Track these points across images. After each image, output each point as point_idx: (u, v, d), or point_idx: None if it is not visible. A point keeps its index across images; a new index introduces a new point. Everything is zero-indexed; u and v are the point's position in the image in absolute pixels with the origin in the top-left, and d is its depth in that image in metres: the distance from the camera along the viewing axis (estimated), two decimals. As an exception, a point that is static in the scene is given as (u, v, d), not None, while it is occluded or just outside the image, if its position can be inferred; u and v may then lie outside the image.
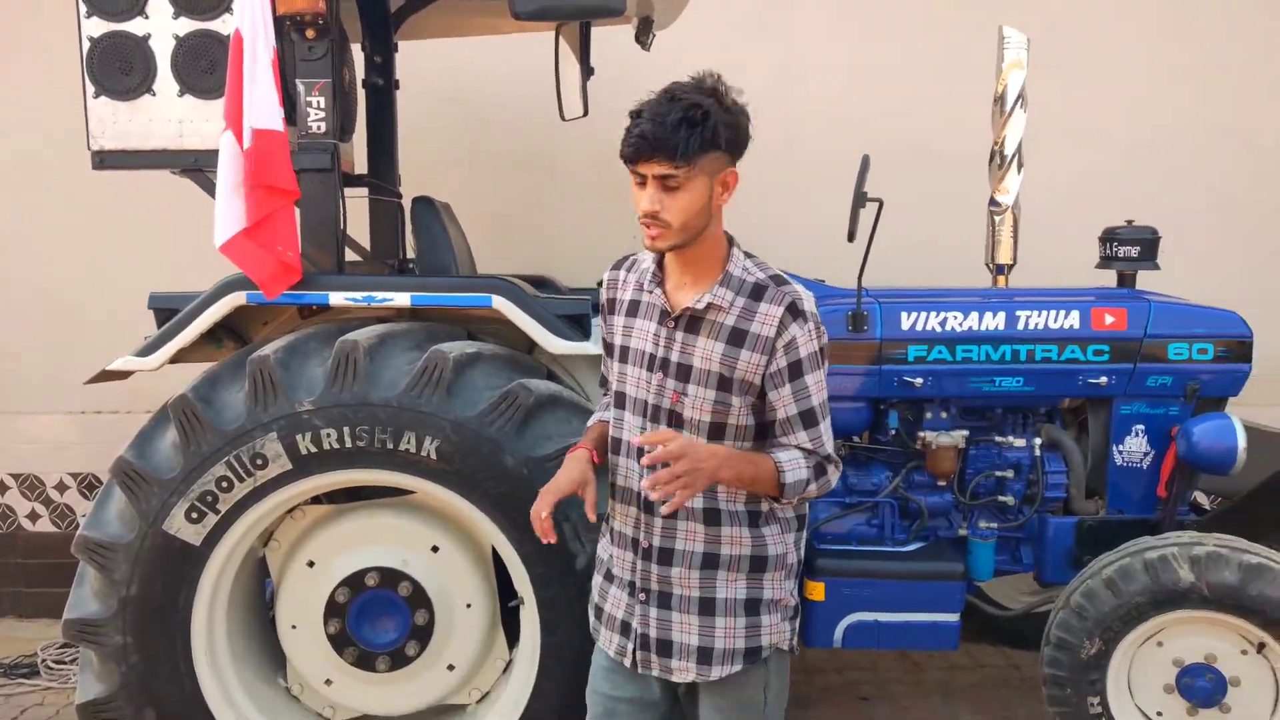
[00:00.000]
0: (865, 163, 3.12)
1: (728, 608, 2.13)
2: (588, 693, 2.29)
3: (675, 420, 2.11)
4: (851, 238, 3.13)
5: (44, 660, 4.16)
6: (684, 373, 2.09)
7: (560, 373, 3.21)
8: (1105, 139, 4.84)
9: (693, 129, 1.92)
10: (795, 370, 2.06)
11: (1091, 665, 2.98)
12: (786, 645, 2.19)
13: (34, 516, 4.82)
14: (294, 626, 3.00)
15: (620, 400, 2.19)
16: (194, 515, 2.82)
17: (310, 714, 3.13)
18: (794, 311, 2.05)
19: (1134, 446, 3.44)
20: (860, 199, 3.11)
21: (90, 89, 3.05)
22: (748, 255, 2.16)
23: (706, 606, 2.13)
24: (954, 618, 3.21)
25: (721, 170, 2.02)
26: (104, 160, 3.10)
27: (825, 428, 2.11)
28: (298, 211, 2.98)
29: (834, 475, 2.15)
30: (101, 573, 2.83)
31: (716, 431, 2.10)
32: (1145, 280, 3.64)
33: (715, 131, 1.95)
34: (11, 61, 4.70)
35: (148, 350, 2.94)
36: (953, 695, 3.98)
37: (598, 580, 2.28)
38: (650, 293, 2.13)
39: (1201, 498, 3.77)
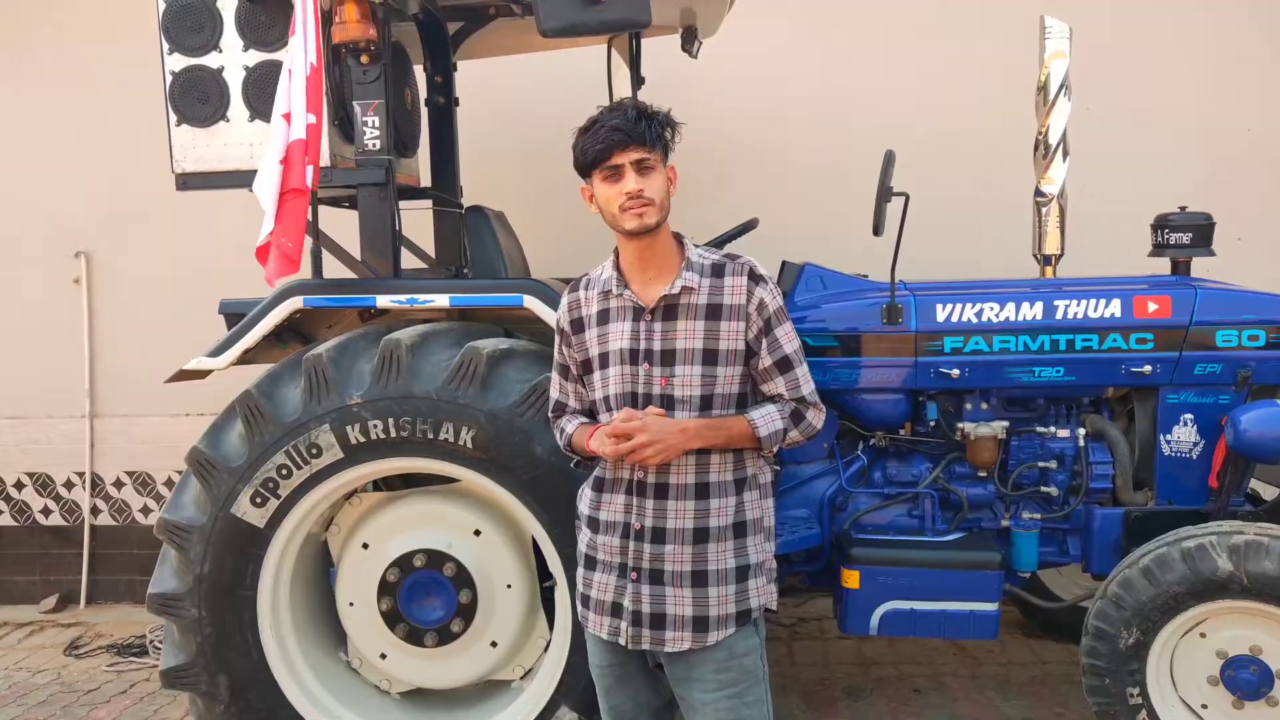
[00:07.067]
0: (889, 158, 3.20)
1: (720, 578, 2.27)
2: (591, 668, 2.45)
3: (666, 403, 2.27)
4: (877, 232, 3.19)
5: (151, 641, 4.55)
6: (668, 357, 2.26)
7: (598, 368, 3.36)
8: (1161, 126, 4.77)
9: (651, 120, 2.25)
10: (768, 326, 2.30)
11: (1130, 655, 2.95)
12: (773, 604, 2.36)
13: (146, 510, 5.27)
14: (351, 604, 3.21)
15: (604, 404, 2.34)
16: (258, 500, 3.06)
17: (368, 687, 3.34)
18: (754, 277, 2.30)
19: (1183, 436, 3.37)
20: (885, 193, 3.18)
21: (173, 118, 3.34)
22: (695, 245, 2.39)
23: (699, 579, 2.27)
24: (992, 607, 3.20)
25: (667, 164, 2.30)
26: (186, 182, 3.37)
27: (801, 373, 2.35)
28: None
29: (815, 418, 2.38)
30: (179, 552, 3.10)
31: (705, 403, 2.28)
32: (1206, 269, 3.57)
33: (663, 127, 2.27)
34: (100, 95, 5.16)
35: (218, 351, 3.21)
36: (1008, 689, 3.94)
37: (581, 572, 2.43)
38: (619, 296, 2.32)
39: (1267, 490, 3.64)
